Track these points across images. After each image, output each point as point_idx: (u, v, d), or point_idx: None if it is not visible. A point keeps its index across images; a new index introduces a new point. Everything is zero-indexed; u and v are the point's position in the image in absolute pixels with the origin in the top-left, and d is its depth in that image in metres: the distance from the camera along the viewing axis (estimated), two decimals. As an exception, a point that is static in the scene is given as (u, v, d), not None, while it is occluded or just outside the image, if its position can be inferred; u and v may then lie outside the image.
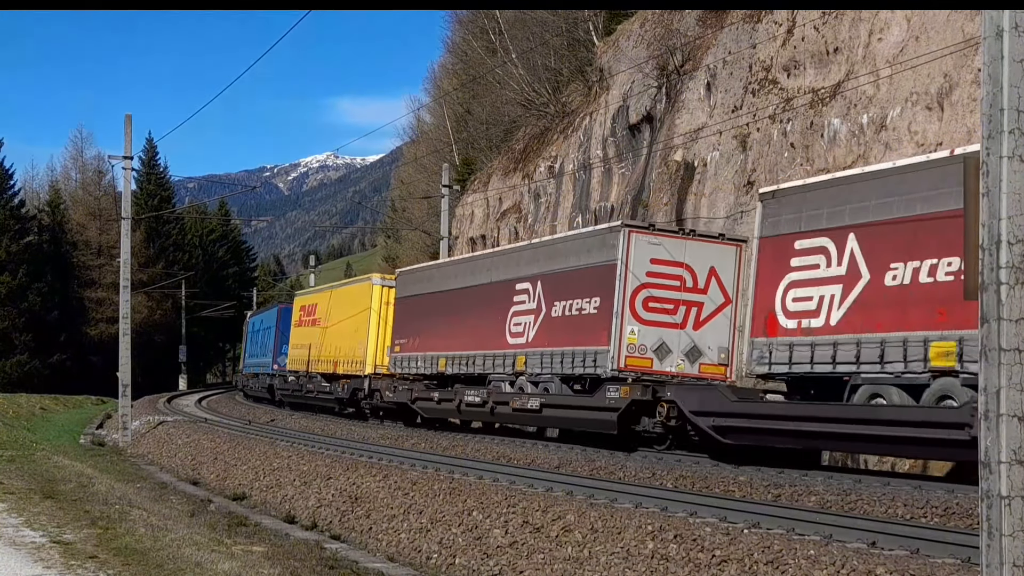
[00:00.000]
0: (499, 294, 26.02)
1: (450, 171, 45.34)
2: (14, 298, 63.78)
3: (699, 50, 32.47)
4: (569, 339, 22.77)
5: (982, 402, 6.34)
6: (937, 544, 9.84)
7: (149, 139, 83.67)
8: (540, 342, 23.97)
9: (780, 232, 17.89)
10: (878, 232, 16.21)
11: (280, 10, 44.86)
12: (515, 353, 24.82)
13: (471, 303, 27.42)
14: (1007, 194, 6.27)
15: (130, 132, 32.56)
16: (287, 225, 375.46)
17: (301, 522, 16.25)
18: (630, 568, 10.45)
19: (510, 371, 25.11)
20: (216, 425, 33.12)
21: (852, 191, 17.03)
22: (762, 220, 18.47)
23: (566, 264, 23.59)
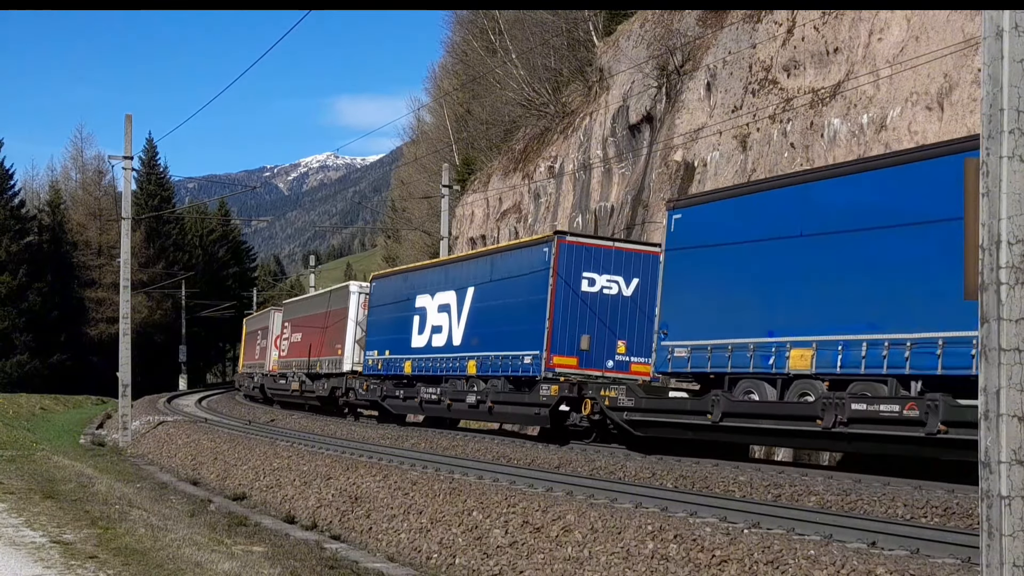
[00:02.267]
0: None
1: (450, 171, 45.36)
2: (14, 298, 63.79)
3: (699, 50, 32.48)
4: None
5: (982, 402, 6.34)
6: (937, 544, 9.84)
7: (149, 139, 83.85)
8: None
9: None
10: None
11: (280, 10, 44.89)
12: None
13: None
14: (1007, 194, 6.27)
15: (130, 132, 32.57)
16: (287, 225, 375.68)
17: (301, 522, 16.25)
18: (630, 568, 10.45)
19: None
20: (216, 425, 33.12)
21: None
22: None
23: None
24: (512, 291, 25.32)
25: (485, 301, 26.87)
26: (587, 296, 23.57)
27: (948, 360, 14.49)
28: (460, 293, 28.20)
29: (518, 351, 24.60)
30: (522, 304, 24.67)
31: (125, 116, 32.58)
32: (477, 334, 27.08)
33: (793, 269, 17.47)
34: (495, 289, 26.33)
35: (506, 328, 25.35)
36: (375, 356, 33.23)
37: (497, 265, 26.80)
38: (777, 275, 17.77)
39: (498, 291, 26.13)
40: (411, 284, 31.96)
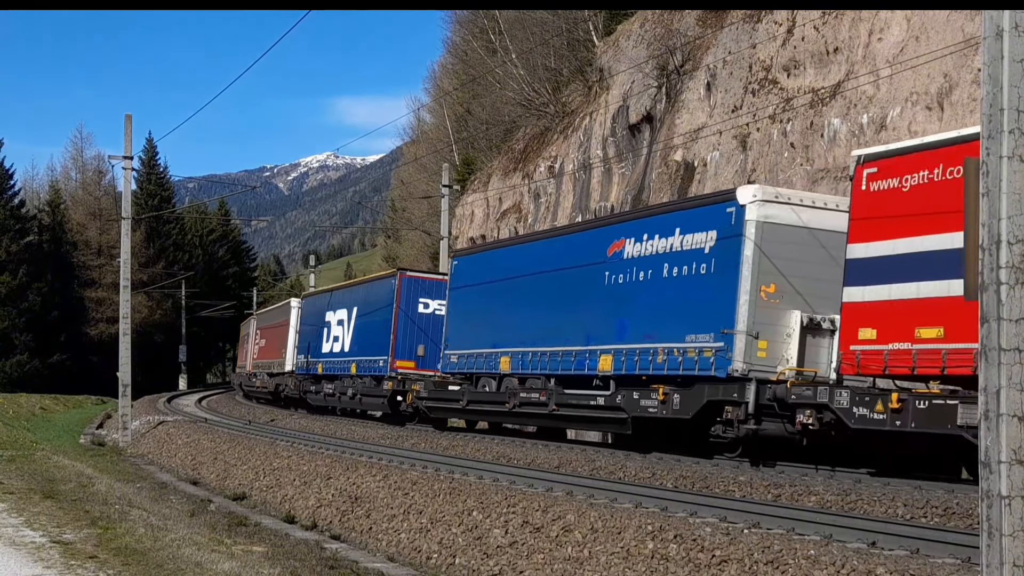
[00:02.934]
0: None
1: (450, 171, 45.38)
2: (14, 298, 63.82)
3: (699, 50, 32.48)
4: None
5: (982, 402, 6.34)
6: (937, 544, 9.84)
7: (149, 139, 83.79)
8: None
9: None
10: None
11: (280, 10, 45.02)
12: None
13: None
14: (1007, 194, 6.27)
15: (130, 132, 32.57)
16: (287, 225, 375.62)
17: (301, 522, 16.26)
18: (630, 568, 10.45)
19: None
20: (216, 425, 33.13)
21: None
22: None
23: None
24: (373, 311, 34.04)
25: (361, 318, 35.40)
26: (423, 316, 31.93)
27: (569, 365, 22.73)
28: (349, 311, 36.87)
29: (376, 357, 33.03)
30: (378, 322, 33.16)
31: (125, 116, 32.60)
32: (356, 343, 35.62)
33: (503, 303, 26.17)
34: (365, 309, 35.17)
35: (370, 339, 33.89)
36: (301, 359, 41.97)
37: (367, 291, 35.93)
38: (497, 306, 26.34)
39: (367, 311, 34.87)
40: (325, 302, 40.66)
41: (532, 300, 24.83)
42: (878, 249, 15.52)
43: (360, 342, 35.17)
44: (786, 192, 19.12)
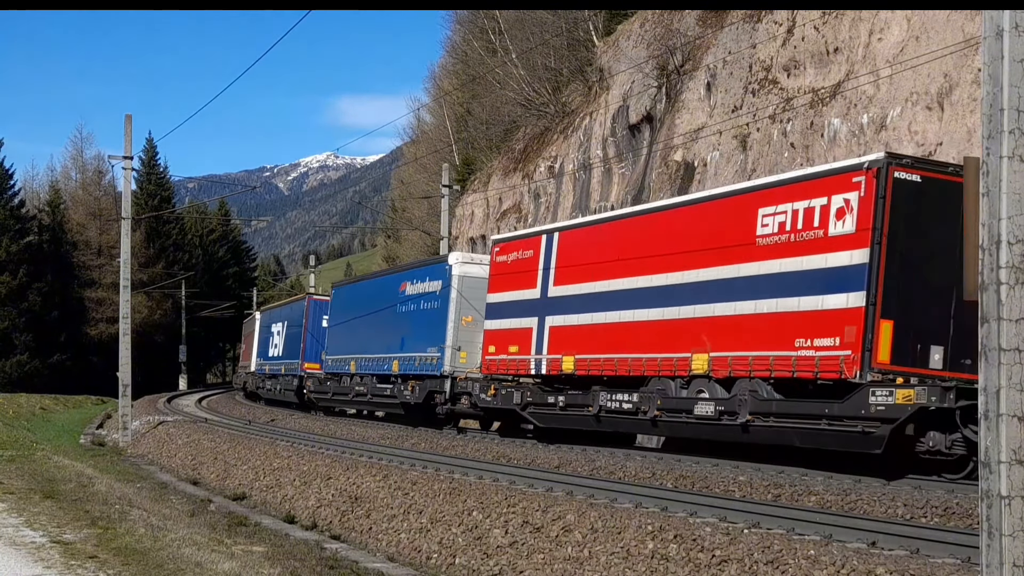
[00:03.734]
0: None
1: (450, 171, 45.36)
2: (14, 298, 63.79)
3: (699, 50, 32.48)
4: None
5: (982, 402, 6.34)
6: (937, 544, 9.84)
7: (149, 139, 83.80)
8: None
9: None
10: None
11: (280, 10, 45.09)
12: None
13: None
14: (1007, 194, 6.27)
15: (130, 132, 32.56)
16: (287, 225, 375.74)
17: (301, 522, 16.25)
18: (630, 568, 10.45)
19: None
20: (216, 425, 33.13)
21: None
22: None
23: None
24: (293, 325, 45.22)
25: (288, 330, 46.58)
26: (324, 330, 40.10)
27: (380, 367, 32.81)
28: (282, 324, 47.93)
29: (293, 360, 43.90)
30: (295, 333, 44.58)
31: (125, 116, 32.58)
32: (286, 349, 46.30)
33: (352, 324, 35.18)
34: (290, 323, 46.39)
35: (292, 347, 44.75)
36: (258, 362, 53.40)
37: (291, 309, 47.53)
38: (350, 325, 35.48)
39: (290, 324, 46.07)
40: (272, 315, 52.05)
41: (366, 322, 34.34)
42: (497, 297, 25.12)
43: (287, 348, 46.11)
44: (477, 256, 30.73)
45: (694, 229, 19.04)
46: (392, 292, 32.52)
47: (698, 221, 19.07)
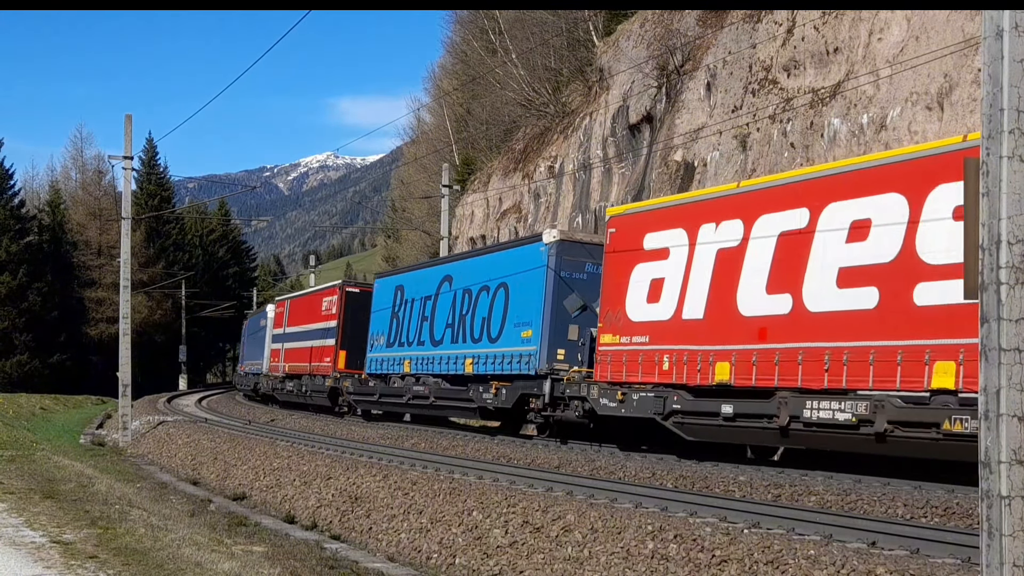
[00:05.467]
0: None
1: (450, 171, 45.35)
2: (14, 298, 63.76)
3: (699, 50, 32.48)
4: None
5: (982, 402, 6.34)
6: (937, 544, 9.84)
7: (149, 139, 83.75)
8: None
9: None
10: None
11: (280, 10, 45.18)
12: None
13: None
14: (1007, 194, 6.27)
15: (130, 132, 32.55)
16: (287, 225, 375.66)
17: (301, 522, 16.26)
18: (630, 568, 10.45)
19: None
20: (216, 425, 33.13)
21: None
22: None
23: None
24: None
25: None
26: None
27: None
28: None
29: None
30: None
31: (125, 116, 32.57)
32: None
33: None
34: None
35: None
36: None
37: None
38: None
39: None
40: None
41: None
42: None
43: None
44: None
45: None
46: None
47: None
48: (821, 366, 15.96)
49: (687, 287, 18.89)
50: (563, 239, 23.87)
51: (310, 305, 42.21)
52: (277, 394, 47.40)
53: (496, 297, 25.98)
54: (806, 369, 16.21)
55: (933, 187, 14.63)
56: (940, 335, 14.33)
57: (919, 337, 14.63)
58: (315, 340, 40.36)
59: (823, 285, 16.19)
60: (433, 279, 30.32)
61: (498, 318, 25.68)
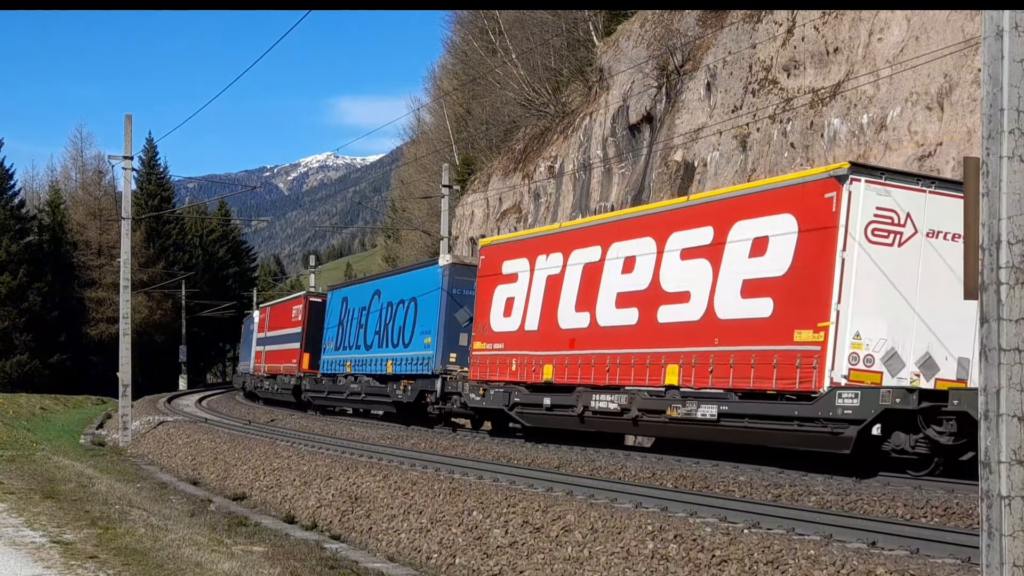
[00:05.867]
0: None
1: (450, 171, 45.35)
2: (14, 298, 63.76)
3: (699, 50, 32.47)
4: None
5: (982, 402, 6.34)
6: (937, 544, 9.84)
7: (149, 139, 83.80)
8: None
9: None
10: None
11: (280, 10, 45.70)
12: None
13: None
14: (1007, 194, 6.27)
15: (130, 132, 32.55)
16: (287, 225, 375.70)
17: (301, 522, 16.26)
18: (630, 568, 10.45)
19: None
20: (216, 425, 33.13)
21: None
22: None
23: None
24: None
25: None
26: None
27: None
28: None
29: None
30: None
31: (125, 116, 32.58)
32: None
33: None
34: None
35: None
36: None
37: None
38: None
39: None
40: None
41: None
42: None
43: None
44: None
45: None
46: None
47: None
48: (604, 368, 20.60)
49: (528, 305, 23.51)
50: (455, 262, 29.30)
51: (283, 312, 47.38)
52: (259, 392, 51.94)
53: (409, 310, 31.32)
54: (596, 371, 20.88)
55: (670, 233, 19.30)
56: (672, 345, 18.93)
57: (660, 346, 19.28)
58: (286, 344, 45.47)
59: (608, 306, 20.84)
60: (368, 292, 35.86)
61: (409, 327, 30.94)
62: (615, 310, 20.54)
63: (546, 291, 22.89)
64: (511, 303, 24.14)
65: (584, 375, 21.20)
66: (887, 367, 15.94)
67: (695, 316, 18.34)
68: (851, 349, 15.78)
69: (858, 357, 15.85)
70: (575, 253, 22.12)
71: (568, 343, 21.92)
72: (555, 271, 22.60)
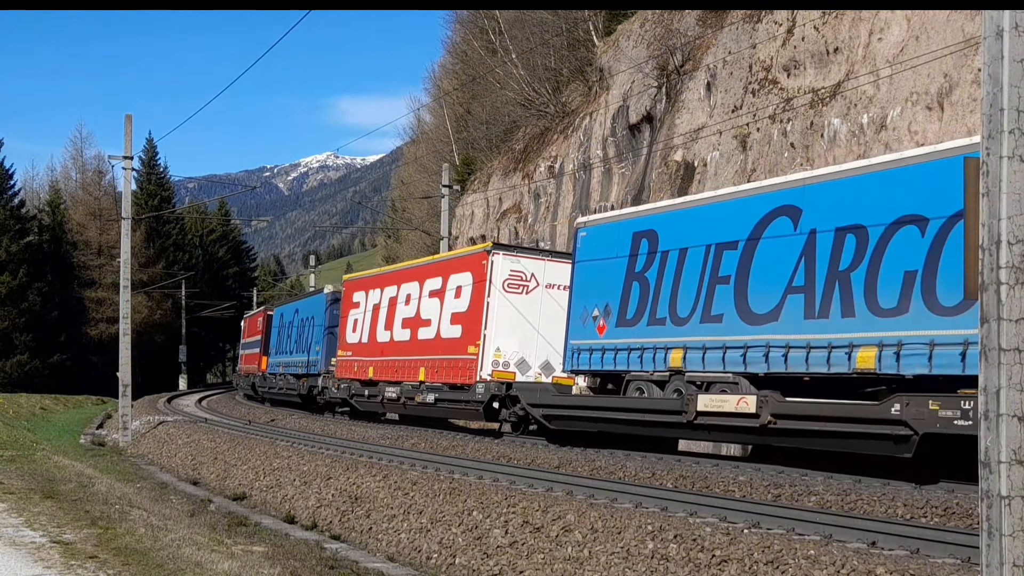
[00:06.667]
0: None
1: (450, 171, 45.35)
2: (14, 298, 63.75)
3: (699, 50, 32.47)
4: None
5: (982, 402, 6.34)
6: (937, 544, 9.84)
7: (149, 139, 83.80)
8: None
9: None
10: None
11: (280, 10, 45.68)
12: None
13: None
14: (1007, 194, 6.27)
15: (130, 132, 32.55)
16: (287, 225, 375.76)
17: (301, 522, 16.26)
18: (630, 568, 10.45)
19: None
20: (216, 425, 33.13)
21: None
22: None
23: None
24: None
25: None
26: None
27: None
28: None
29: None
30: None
31: (125, 116, 32.58)
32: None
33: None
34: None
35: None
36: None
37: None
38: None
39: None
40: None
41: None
42: None
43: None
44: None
45: None
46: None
47: None
48: (394, 369, 30.12)
49: (363, 324, 32.98)
50: (334, 291, 39.42)
51: (255, 322, 56.55)
52: (240, 388, 63.13)
53: (308, 325, 41.80)
54: (390, 371, 30.31)
55: (425, 279, 29.12)
56: (423, 354, 28.28)
57: (418, 355, 28.64)
58: (254, 349, 54.62)
59: (398, 327, 30.21)
60: (292, 311, 46.63)
61: (308, 339, 41.40)
62: (401, 330, 29.99)
63: (372, 315, 32.30)
64: (356, 323, 33.58)
65: (386, 374, 30.64)
66: (519, 369, 25.15)
67: (432, 335, 27.84)
68: (493, 357, 25.05)
69: (498, 363, 25.10)
70: (386, 289, 31.72)
71: (380, 352, 31.31)
72: (376, 301, 32.28)
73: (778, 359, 16.80)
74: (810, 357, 16.25)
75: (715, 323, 18.37)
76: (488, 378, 24.86)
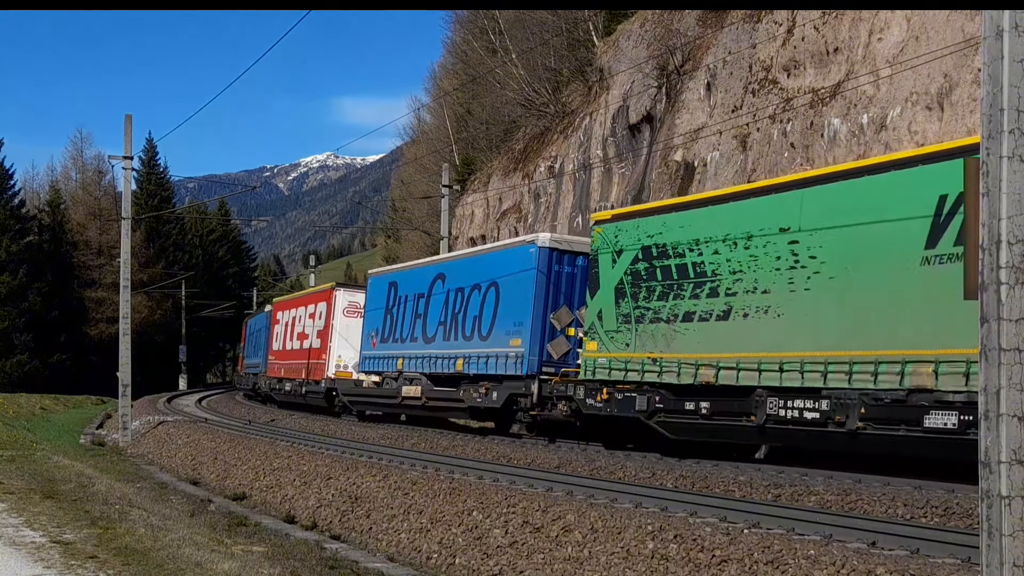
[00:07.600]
0: None
1: (450, 171, 45.37)
2: (14, 298, 63.75)
3: (699, 50, 32.48)
4: None
5: (982, 402, 6.34)
6: (937, 544, 9.84)
7: (149, 139, 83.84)
8: None
9: None
10: None
11: (280, 10, 45.84)
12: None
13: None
14: (1007, 194, 6.26)
15: (130, 132, 32.56)
16: (287, 225, 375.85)
17: (301, 522, 16.26)
18: (630, 568, 10.45)
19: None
20: (216, 425, 33.13)
21: None
22: None
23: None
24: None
25: None
26: None
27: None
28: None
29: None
30: None
31: (125, 116, 32.59)
32: None
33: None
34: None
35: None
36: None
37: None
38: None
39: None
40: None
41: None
42: None
43: None
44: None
45: None
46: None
47: None
48: (292, 370, 41.85)
49: (281, 336, 45.28)
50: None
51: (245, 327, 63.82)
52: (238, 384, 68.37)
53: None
54: (289, 371, 42.31)
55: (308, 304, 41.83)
56: (303, 359, 40.53)
57: (301, 360, 41.12)
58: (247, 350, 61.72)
59: (296, 339, 41.72)
60: (262, 320, 53.34)
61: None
62: (294, 341, 42.46)
63: (284, 329, 44.50)
64: (277, 335, 45.95)
65: (289, 374, 42.05)
66: (354, 369, 35.51)
67: (308, 346, 39.63)
68: (336, 362, 37.07)
69: (340, 366, 37.02)
70: (291, 311, 43.99)
71: (286, 357, 43.42)
72: (287, 319, 44.22)
73: (435, 364, 28.85)
74: (443, 364, 28.31)
75: (415, 342, 30.25)
76: (333, 376, 37.15)
